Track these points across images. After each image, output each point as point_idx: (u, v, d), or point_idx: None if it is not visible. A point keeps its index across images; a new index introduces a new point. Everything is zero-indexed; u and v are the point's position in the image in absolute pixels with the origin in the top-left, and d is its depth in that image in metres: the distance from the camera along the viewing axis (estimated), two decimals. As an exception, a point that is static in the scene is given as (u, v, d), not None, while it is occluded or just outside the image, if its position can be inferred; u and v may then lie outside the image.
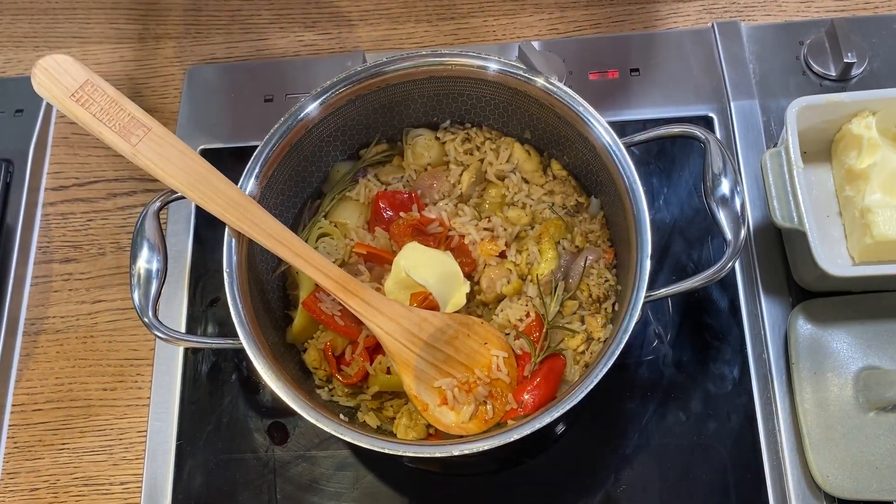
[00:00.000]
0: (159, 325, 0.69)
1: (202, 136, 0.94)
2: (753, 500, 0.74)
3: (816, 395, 0.74)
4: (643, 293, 0.65)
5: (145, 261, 0.70)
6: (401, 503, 0.78)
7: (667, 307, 0.83)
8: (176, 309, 0.86)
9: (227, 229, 0.70)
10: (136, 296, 0.69)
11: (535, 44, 0.91)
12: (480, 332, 0.73)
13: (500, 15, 0.99)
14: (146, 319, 0.68)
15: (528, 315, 0.74)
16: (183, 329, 0.84)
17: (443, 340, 0.72)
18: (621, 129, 0.76)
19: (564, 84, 0.89)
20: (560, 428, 0.79)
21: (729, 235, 0.66)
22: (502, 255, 0.77)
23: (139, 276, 0.69)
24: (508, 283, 0.75)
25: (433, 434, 0.72)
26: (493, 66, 0.73)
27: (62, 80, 0.66)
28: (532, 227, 0.79)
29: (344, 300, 0.70)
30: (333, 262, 0.78)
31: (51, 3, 1.04)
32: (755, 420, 0.77)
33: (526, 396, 0.72)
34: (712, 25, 0.93)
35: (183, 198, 0.76)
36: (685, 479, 0.76)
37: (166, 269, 0.70)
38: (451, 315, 0.73)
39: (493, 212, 0.79)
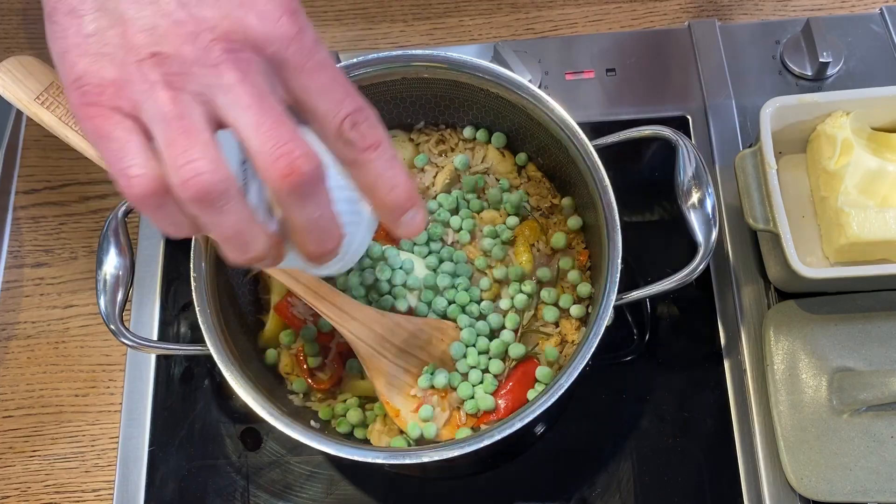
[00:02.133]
0: (126, 332, 0.68)
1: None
2: (729, 502, 0.74)
3: (790, 397, 0.74)
4: (614, 296, 0.64)
5: (112, 266, 0.69)
6: (376, 508, 0.77)
7: (644, 308, 0.82)
8: (148, 314, 0.85)
9: (193, 237, 0.69)
10: (102, 302, 0.68)
11: (512, 44, 0.91)
12: (455, 336, 0.72)
13: (476, 14, 0.98)
14: (112, 326, 0.67)
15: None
16: (155, 334, 0.84)
17: (416, 346, 0.71)
18: (597, 129, 0.76)
19: (541, 84, 0.89)
20: (538, 429, 0.79)
21: (700, 237, 0.65)
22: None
23: (105, 281, 0.68)
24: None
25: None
26: (462, 68, 0.73)
27: (26, 82, 0.65)
28: (509, 228, 0.78)
29: (315, 305, 0.69)
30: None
31: (23, 3, 1.03)
32: (730, 422, 0.76)
33: (499, 401, 0.71)
34: (689, 25, 0.93)
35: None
36: (660, 482, 0.76)
37: (133, 274, 0.69)
38: (424, 320, 0.72)
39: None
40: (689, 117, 0.88)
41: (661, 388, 0.79)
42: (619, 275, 0.65)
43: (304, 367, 0.74)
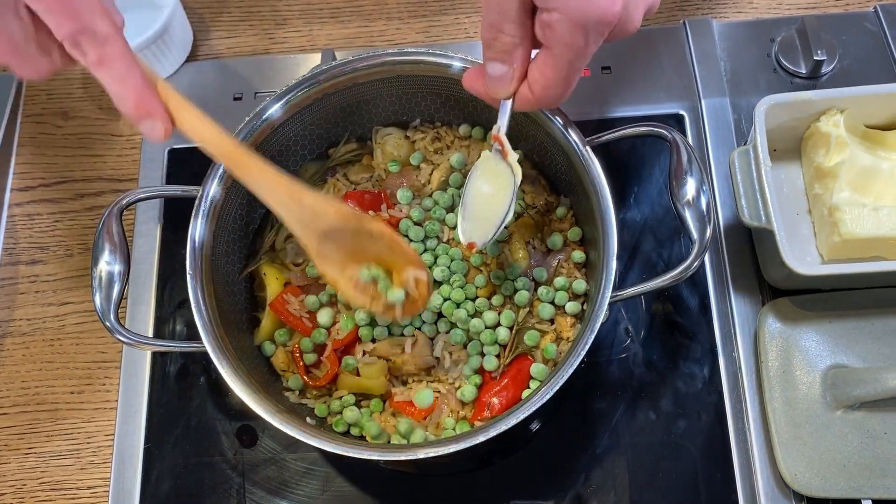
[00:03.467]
0: (121, 329, 0.68)
1: (171, 135, 0.92)
2: (723, 499, 0.74)
3: (785, 394, 0.74)
4: (609, 293, 0.65)
5: (107, 263, 0.69)
6: (372, 504, 0.77)
7: (639, 305, 0.82)
8: (144, 311, 0.85)
9: (189, 230, 0.69)
10: (97, 299, 0.68)
11: (507, 41, 0.91)
12: (387, 243, 0.66)
13: (472, 12, 0.98)
14: (108, 323, 0.67)
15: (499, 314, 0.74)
16: (151, 331, 0.83)
17: (346, 235, 0.65)
18: (593, 127, 0.76)
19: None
20: (534, 426, 0.79)
21: (694, 235, 0.65)
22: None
23: (101, 278, 0.68)
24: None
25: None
26: (457, 65, 0.73)
27: None
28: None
29: (236, 176, 0.65)
30: (301, 261, 0.78)
31: (17, 0, 1.03)
32: (725, 419, 0.77)
33: (494, 399, 0.71)
34: (684, 23, 0.93)
35: (150, 198, 0.76)
36: (655, 478, 0.76)
37: (129, 271, 0.69)
38: (349, 217, 0.65)
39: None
40: (684, 115, 0.88)
41: (656, 385, 0.79)
42: (614, 272, 0.65)
43: (300, 364, 0.74)
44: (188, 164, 0.90)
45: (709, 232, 0.65)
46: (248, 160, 0.63)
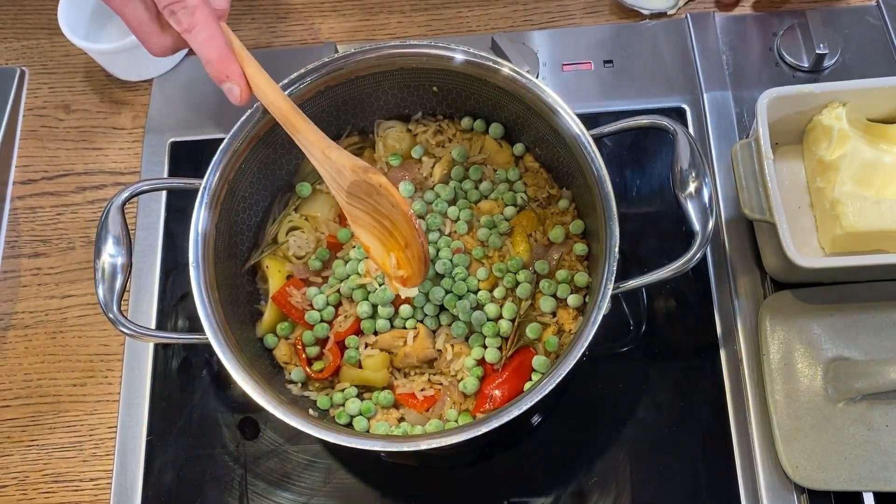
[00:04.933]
0: (124, 321, 0.68)
1: (173, 128, 0.93)
2: (724, 492, 0.74)
3: (786, 387, 0.74)
4: (611, 285, 0.65)
5: (110, 255, 0.69)
6: (374, 497, 0.77)
7: (640, 299, 0.82)
8: (146, 303, 0.85)
9: (192, 220, 0.69)
10: (100, 291, 0.68)
11: (509, 35, 0.91)
12: (386, 195, 0.67)
13: (475, 6, 0.98)
14: (111, 315, 0.67)
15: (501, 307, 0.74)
16: (153, 324, 0.84)
17: (362, 192, 0.69)
18: (595, 120, 0.76)
19: (538, 75, 0.90)
20: (534, 419, 0.79)
21: (696, 227, 0.66)
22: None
23: (103, 270, 0.68)
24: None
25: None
26: (460, 57, 0.73)
27: None
28: (506, 219, 0.78)
29: (289, 133, 0.70)
30: (303, 254, 0.78)
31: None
32: (726, 411, 0.77)
33: (496, 391, 0.71)
34: (686, 16, 0.93)
35: (153, 190, 0.76)
36: (657, 471, 0.76)
37: (131, 263, 0.69)
38: (358, 171, 0.67)
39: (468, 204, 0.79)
40: (686, 108, 0.88)
41: (658, 378, 0.79)
42: (616, 264, 0.65)
43: (303, 356, 0.75)
44: (191, 157, 0.91)
45: (711, 224, 0.65)
46: (300, 121, 0.69)
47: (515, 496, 0.76)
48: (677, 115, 0.88)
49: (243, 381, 0.65)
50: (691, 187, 0.66)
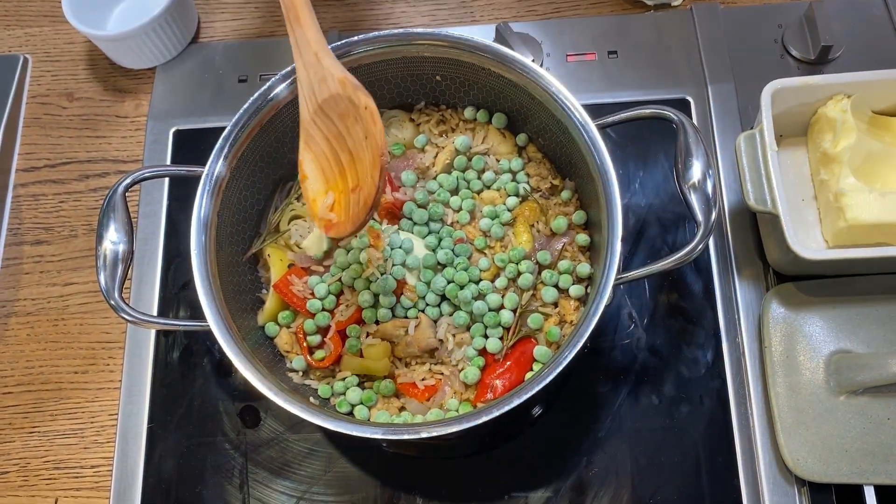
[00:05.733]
0: (126, 308, 0.68)
1: (176, 116, 0.93)
2: (725, 484, 0.74)
3: (788, 379, 0.74)
4: (613, 275, 0.64)
5: (112, 242, 0.69)
6: (374, 486, 0.77)
7: (642, 290, 0.82)
8: (148, 292, 0.85)
9: (195, 207, 0.69)
10: (102, 278, 0.68)
11: (513, 25, 0.90)
12: (366, 121, 0.64)
13: (479, -4, 0.98)
14: (112, 302, 0.68)
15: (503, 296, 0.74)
16: (155, 312, 0.84)
17: (336, 112, 0.66)
18: (598, 111, 0.75)
19: (542, 66, 0.89)
20: (535, 411, 0.79)
21: (700, 217, 0.65)
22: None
23: (105, 257, 0.68)
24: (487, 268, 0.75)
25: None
26: (465, 46, 0.73)
27: None
28: (508, 210, 0.78)
29: (287, 26, 0.67)
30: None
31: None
32: (728, 404, 0.77)
33: (497, 381, 0.71)
34: (691, 8, 0.93)
35: (155, 177, 0.75)
36: (657, 463, 0.76)
37: (133, 250, 0.69)
38: (346, 85, 0.65)
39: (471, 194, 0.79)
40: (689, 100, 0.88)
41: (659, 370, 0.79)
42: (619, 254, 0.65)
43: (304, 345, 0.75)
44: (193, 145, 0.91)
45: (714, 215, 0.65)
46: (305, 12, 0.66)
47: (516, 487, 0.76)
48: (681, 106, 0.88)
49: (245, 368, 0.65)
50: (695, 178, 0.66)
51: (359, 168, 0.65)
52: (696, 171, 0.66)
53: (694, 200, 0.66)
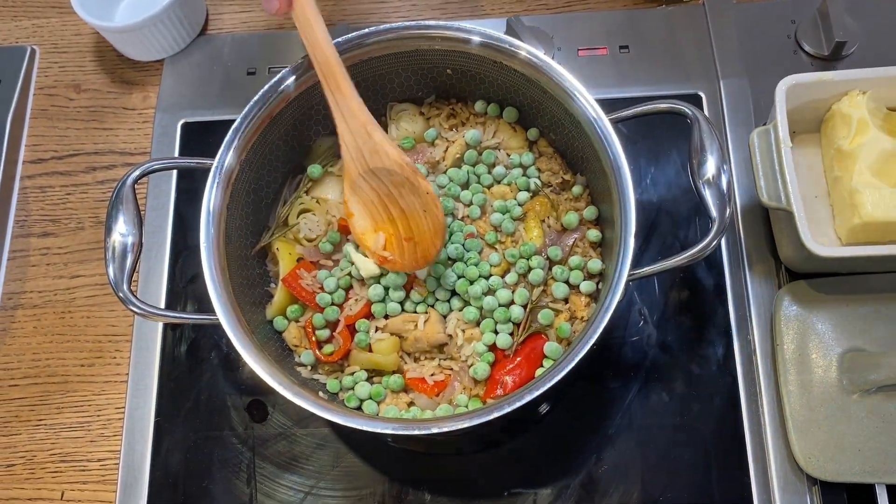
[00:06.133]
0: (134, 300, 0.67)
1: (184, 108, 0.92)
2: (735, 482, 0.74)
3: (800, 377, 0.73)
4: (626, 271, 0.64)
5: (121, 234, 0.68)
6: (381, 482, 0.77)
7: (652, 287, 0.82)
8: (155, 285, 0.84)
9: (204, 199, 0.68)
10: (110, 270, 0.67)
11: (524, 19, 0.90)
12: (424, 199, 0.68)
13: (489, -11, 0.97)
14: (121, 294, 0.67)
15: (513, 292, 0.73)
16: (162, 305, 0.83)
17: (389, 180, 0.69)
18: (609, 106, 0.74)
19: (553, 60, 0.88)
20: (543, 408, 0.79)
21: (714, 213, 0.65)
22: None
23: (114, 249, 0.68)
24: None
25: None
26: (477, 39, 0.72)
27: None
28: (519, 205, 0.77)
29: (324, 88, 0.68)
30: (314, 236, 0.77)
31: None
32: (738, 402, 0.76)
33: (507, 377, 0.71)
34: (703, 3, 0.92)
35: (164, 169, 0.75)
36: (667, 460, 0.75)
37: (142, 242, 0.69)
38: (405, 168, 0.68)
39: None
40: (702, 95, 0.88)
41: (669, 367, 0.79)
42: (632, 250, 0.64)
43: (312, 339, 0.74)
44: (201, 138, 0.90)
45: (728, 210, 0.65)
46: (345, 82, 0.67)
47: (525, 483, 0.76)
48: (693, 102, 0.86)
49: (254, 362, 0.64)
50: (709, 173, 0.66)
51: (412, 225, 0.69)
52: (711, 166, 0.66)
53: (708, 196, 0.65)
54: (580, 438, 0.77)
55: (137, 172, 0.70)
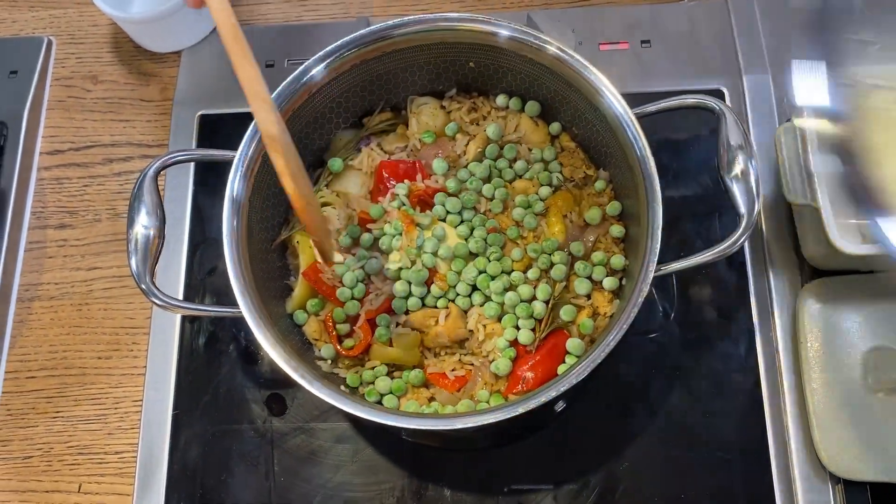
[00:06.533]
0: (157, 292, 0.67)
1: (202, 101, 0.92)
2: (758, 480, 0.73)
3: (824, 375, 0.73)
4: (653, 267, 0.64)
5: (143, 226, 0.68)
6: (400, 476, 0.76)
7: (671, 284, 0.81)
8: (173, 277, 0.84)
9: (227, 189, 0.68)
10: (133, 262, 0.67)
11: (545, 12, 0.89)
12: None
13: (510, -18, 0.96)
14: (143, 286, 0.67)
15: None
16: (181, 298, 0.83)
17: None
18: (631, 101, 0.74)
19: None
20: (560, 405, 0.78)
21: (742, 209, 0.64)
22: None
23: (136, 241, 0.67)
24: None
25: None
26: (505, 32, 0.71)
27: None
28: (541, 199, 0.77)
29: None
30: (335, 230, 0.77)
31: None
32: (761, 399, 0.76)
33: (528, 373, 0.70)
34: (726, -3, 0.91)
35: (187, 160, 0.75)
36: (688, 457, 0.75)
37: (164, 234, 0.69)
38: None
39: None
40: (724, 91, 0.87)
41: (692, 364, 0.78)
42: (659, 245, 0.64)
43: (333, 333, 0.74)
44: (219, 131, 0.90)
45: (757, 206, 0.64)
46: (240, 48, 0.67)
47: (544, 479, 0.76)
48: (716, 97, 0.86)
49: (277, 355, 0.64)
50: (737, 169, 0.65)
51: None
52: (740, 162, 0.65)
53: (736, 192, 0.65)
54: (600, 435, 0.77)
55: (158, 164, 0.69)
